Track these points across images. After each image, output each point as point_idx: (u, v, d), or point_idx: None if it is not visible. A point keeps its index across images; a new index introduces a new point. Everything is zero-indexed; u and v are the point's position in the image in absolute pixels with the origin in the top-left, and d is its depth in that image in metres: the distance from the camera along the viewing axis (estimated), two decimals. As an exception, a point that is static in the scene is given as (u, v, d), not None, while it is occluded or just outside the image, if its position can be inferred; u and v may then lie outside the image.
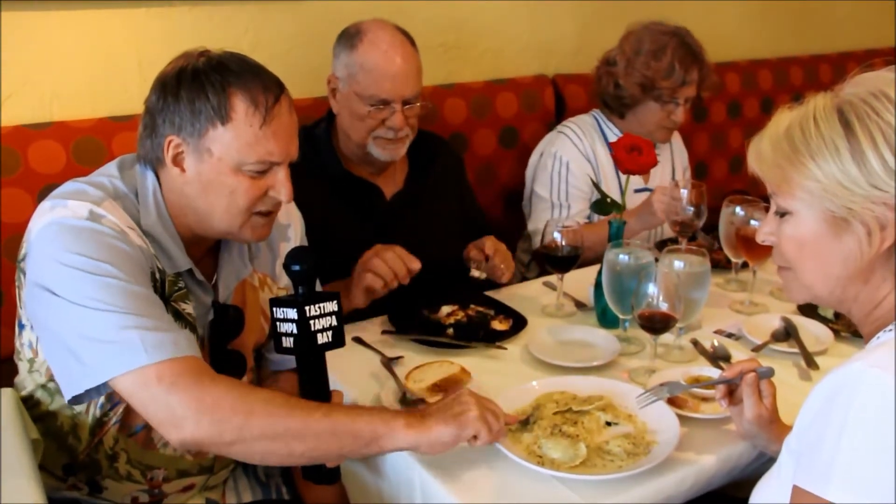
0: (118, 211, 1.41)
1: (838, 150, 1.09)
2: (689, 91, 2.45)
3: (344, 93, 2.09)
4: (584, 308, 1.99)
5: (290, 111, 1.46)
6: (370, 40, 2.05)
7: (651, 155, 1.83)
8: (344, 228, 1.95)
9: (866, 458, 0.98)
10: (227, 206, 1.44)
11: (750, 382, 1.38)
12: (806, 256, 1.17)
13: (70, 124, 2.11)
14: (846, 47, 3.83)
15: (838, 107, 1.11)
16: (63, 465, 1.55)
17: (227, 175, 1.42)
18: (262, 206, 1.47)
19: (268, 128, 1.41)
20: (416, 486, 1.42)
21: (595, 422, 1.44)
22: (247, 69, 1.43)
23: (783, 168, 1.14)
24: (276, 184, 1.46)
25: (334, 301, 1.40)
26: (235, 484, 1.75)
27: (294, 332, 1.37)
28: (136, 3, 2.22)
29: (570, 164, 2.47)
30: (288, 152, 1.46)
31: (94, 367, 1.28)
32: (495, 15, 2.87)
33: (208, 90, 1.39)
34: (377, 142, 2.08)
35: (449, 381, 1.59)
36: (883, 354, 1.03)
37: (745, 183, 3.42)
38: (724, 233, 2.03)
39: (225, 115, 1.39)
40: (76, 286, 1.30)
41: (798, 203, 1.15)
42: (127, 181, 1.48)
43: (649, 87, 2.44)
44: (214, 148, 1.41)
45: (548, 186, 2.49)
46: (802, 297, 1.26)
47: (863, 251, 1.11)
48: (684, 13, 3.23)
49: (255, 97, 1.40)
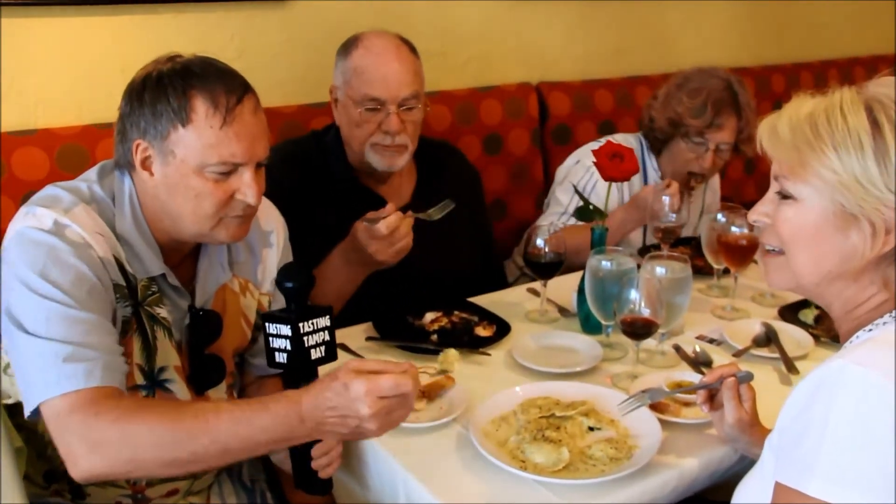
0: (89, 217, 1.42)
1: (862, 146, 1.08)
2: (721, 136, 2.38)
3: (342, 101, 2.08)
4: (567, 314, 2.00)
5: (253, 112, 1.44)
6: (365, 46, 2.05)
7: (633, 161, 1.85)
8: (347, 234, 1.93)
9: (848, 454, 0.99)
10: (194, 208, 1.44)
11: (730, 387, 1.39)
12: (802, 243, 1.16)
13: (54, 131, 2.11)
14: (827, 55, 3.88)
15: (867, 103, 1.10)
16: (44, 472, 1.55)
17: (190, 177, 1.41)
18: (231, 210, 1.45)
19: (229, 128, 1.40)
20: (399, 490, 1.42)
21: (578, 427, 1.45)
22: (211, 72, 1.42)
23: (801, 152, 1.12)
24: (242, 186, 1.44)
25: (326, 316, 1.39)
26: (220, 488, 1.74)
27: (288, 348, 1.36)
28: (120, 10, 2.22)
29: (598, 182, 2.40)
30: (252, 153, 1.43)
31: (26, 392, 1.30)
32: (480, 22, 2.89)
33: (170, 93, 1.39)
34: (375, 149, 2.05)
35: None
36: (864, 352, 1.05)
37: (729, 190, 3.47)
38: (706, 239, 2.05)
39: (185, 117, 1.39)
40: (22, 305, 1.32)
41: (809, 189, 1.13)
42: (106, 186, 1.49)
43: (678, 123, 2.40)
44: (177, 150, 1.41)
45: (569, 194, 2.46)
46: (785, 284, 1.23)
47: (864, 251, 1.11)
48: (668, 21, 3.28)
49: (216, 98, 1.39)
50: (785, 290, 1.30)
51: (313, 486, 1.47)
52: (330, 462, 1.45)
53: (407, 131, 2.05)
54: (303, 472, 1.45)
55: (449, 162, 2.30)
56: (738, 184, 3.52)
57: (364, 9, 2.49)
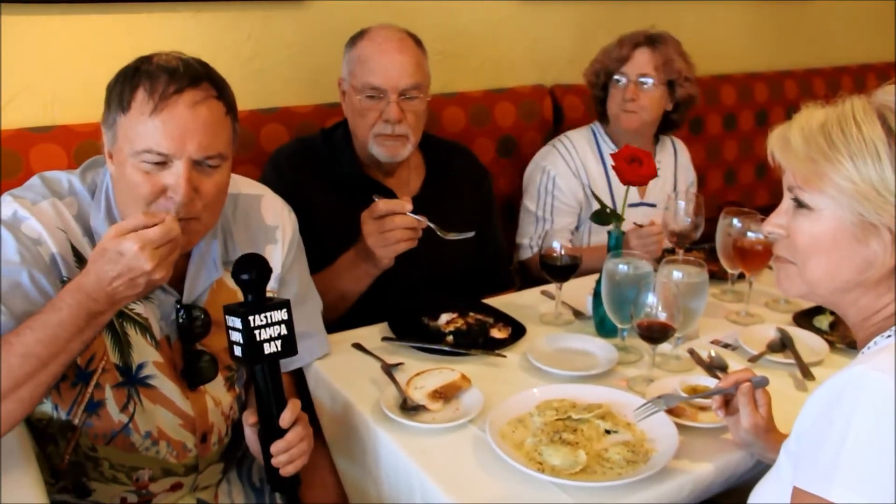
0: (55, 211, 1.43)
1: (879, 154, 1.07)
2: (636, 67, 2.46)
3: (347, 92, 2.11)
4: (581, 317, 2.00)
5: (193, 106, 1.38)
6: (370, 37, 2.08)
7: (651, 166, 1.85)
8: (356, 229, 1.92)
9: (869, 459, 0.99)
10: (130, 200, 1.42)
11: (745, 392, 1.39)
12: (818, 254, 1.16)
13: (71, 128, 2.12)
14: (840, 62, 3.87)
15: (878, 111, 1.10)
16: (49, 469, 1.56)
17: (126, 166, 1.40)
18: (162, 209, 1.39)
19: (157, 116, 1.36)
20: (416, 492, 1.42)
21: (594, 430, 1.46)
22: (168, 65, 1.40)
23: (817, 163, 1.12)
24: (172, 181, 1.39)
25: (283, 310, 1.37)
26: (229, 487, 1.75)
27: (241, 340, 1.35)
28: (138, 8, 2.23)
29: (556, 178, 2.51)
30: (181, 147, 1.37)
31: None
32: (495, 24, 2.89)
33: (122, 82, 1.40)
34: (377, 139, 2.07)
35: (449, 387, 1.60)
36: (884, 359, 1.05)
37: (740, 194, 3.46)
38: (720, 244, 2.05)
39: (126, 105, 1.38)
40: None
41: (827, 200, 1.13)
42: (88, 180, 1.50)
43: (599, 70, 2.53)
44: (119, 138, 1.41)
45: (535, 200, 2.53)
46: (799, 292, 1.23)
47: (885, 259, 1.11)
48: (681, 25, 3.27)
49: (155, 87, 1.37)
50: (798, 298, 1.30)
51: (278, 484, 1.46)
52: (291, 460, 1.43)
53: (408, 121, 2.06)
54: (268, 468, 1.45)
55: (458, 160, 2.31)
56: (749, 189, 3.52)
57: (379, 9, 2.50)
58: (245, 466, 1.81)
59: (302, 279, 1.76)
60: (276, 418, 1.42)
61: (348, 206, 1.96)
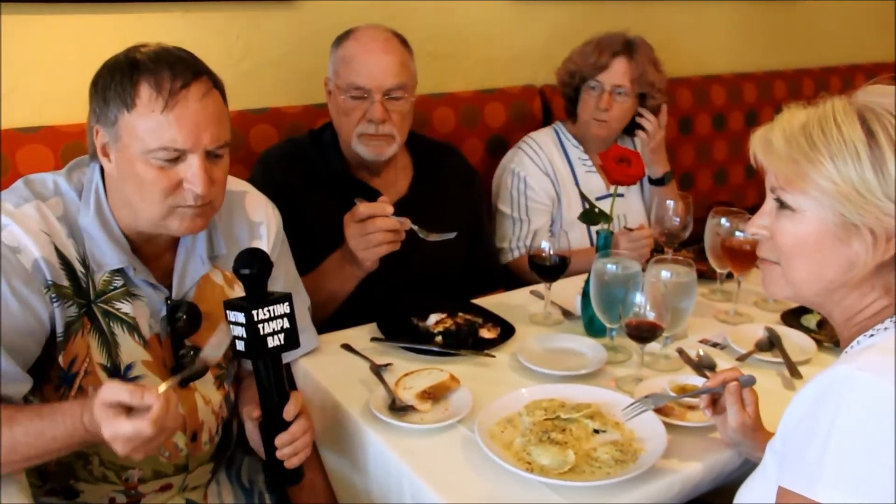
0: (39, 215, 1.43)
1: (859, 155, 1.08)
2: (612, 77, 2.47)
3: (332, 91, 2.11)
4: (570, 317, 2.00)
5: (200, 98, 1.40)
6: (355, 37, 2.08)
7: (640, 166, 1.86)
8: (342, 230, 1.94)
9: (855, 459, 1.00)
10: (142, 197, 1.42)
11: (732, 391, 1.40)
12: (802, 254, 1.16)
13: (60, 129, 2.11)
14: (829, 62, 3.89)
15: (859, 112, 1.10)
16: (36, 471, 1.55)
17: (136, 164, 1.40)
18: (181, 200, 1.43)
19: (170, 113, 1.37)
20: (405, 493, 1.42)
21: (583, 429, 1.46)
22: (163, 58, 1.40)
23: (799, 164, 1.12)
24: (189, 174, 1.41)
25: (286, 303, 1.38)
26: (218, 487, 1.75)
27: (244, 335, 1.36)
28: (128, 8, 2.23)
29: (527, 178, 2.51)
30: (196, 140, 1.40)
31: None
32: (485, 25, 2.90)
33: (120, 79, 1.39)
34: (362, 139, 2.07)
35: (438, 388, 1.60)
36: (869, 358, 1.05)
37: (730, 194, 3.47)
38: (709, 244, 2.06)
39: (130, 102, 1.38)
40: None
41: (809, 201, 1.13)
42: (74, 180, 1.50)
43: (574, 71, 2.53)
44: (124, 136, 1.40)
45: (508, 203, 2.54)
46: (783, 293, 1.24)
47: (867, 259, 1.11)
48: (671, 25, 3.29)
49: (160, 83, 1.38)
50: (784, 300, 1.31)
51: (282, 476, 1.47)
52: (295, 452, 1.45)
53: (392, 121, 2.06)
54: (271, 461, 1.46)
55: (446, 160, 2.31)
56: (739, 189, 3.53)
57: (370, 10, 2.50)
58: (234, 467, 1.80)
59: (288, 274, 1.77)
60: (279, 411, 1.43)
61: (337, 207, 1.95)
